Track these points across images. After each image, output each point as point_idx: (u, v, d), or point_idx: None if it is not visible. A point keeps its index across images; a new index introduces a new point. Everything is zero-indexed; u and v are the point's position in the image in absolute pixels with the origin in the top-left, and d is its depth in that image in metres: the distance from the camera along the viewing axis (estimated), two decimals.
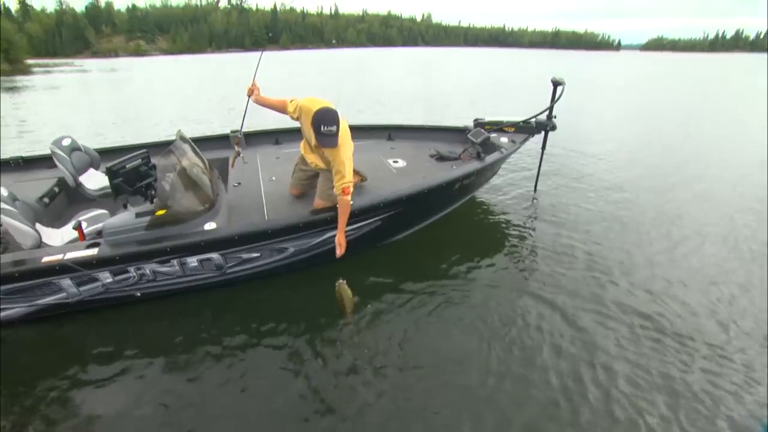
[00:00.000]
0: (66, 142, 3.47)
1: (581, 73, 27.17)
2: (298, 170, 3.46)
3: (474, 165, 3.76)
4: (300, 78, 23.09)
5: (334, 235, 3.16)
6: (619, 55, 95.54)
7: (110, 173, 2.58)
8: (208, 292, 3.04)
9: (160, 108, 12.79)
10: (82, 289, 2.66)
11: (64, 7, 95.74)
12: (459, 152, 4.34)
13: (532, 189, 5.01)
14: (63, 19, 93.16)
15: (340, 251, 2.92)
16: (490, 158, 3.89)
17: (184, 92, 17.30)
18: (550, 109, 4.18)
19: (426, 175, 3.67)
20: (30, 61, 51.15)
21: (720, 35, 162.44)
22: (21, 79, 26.53)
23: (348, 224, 3.12)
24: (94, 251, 2.56)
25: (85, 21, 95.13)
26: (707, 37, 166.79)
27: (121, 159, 2.68)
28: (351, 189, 2.88)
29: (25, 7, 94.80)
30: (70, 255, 2.54)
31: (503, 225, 4.20)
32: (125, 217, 2.66)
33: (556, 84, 4.09)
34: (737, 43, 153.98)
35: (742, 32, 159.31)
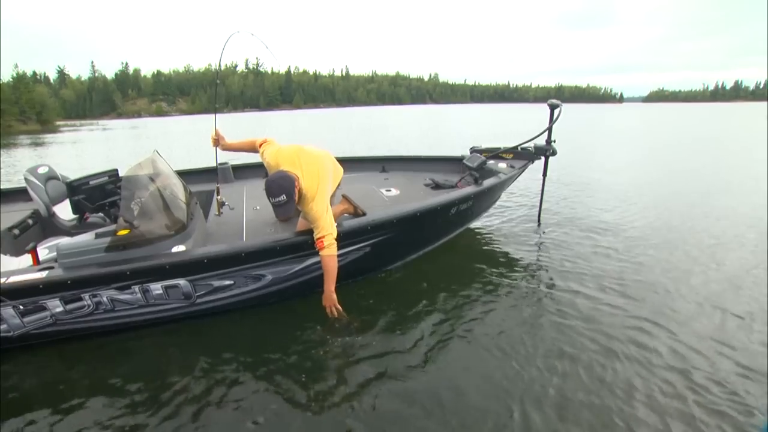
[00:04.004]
0: (42, 170, 3.33)
1: (591, 123, 27.57)
2: None
3: (471, 189, 3.52)
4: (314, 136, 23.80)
5: (318, 262, 2.88)
6: (622, 106, 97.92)
7: (70, 189, 2.37)
8: (175, 325, 2.70)
9: (168, 154, 13.07)
10: (27, 320, 2.35)
11: (96, 74, 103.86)
12: (455, 180, 4.14)
13: (536, 219, 4.72)
14: (95, 84, 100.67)
15: (330, 313, 2.63)
16: (488, 182, 3.65)
17: (192, 143, 17.84)
18: (549, 132, 4.00)
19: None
20: (59, 122, 54.85)
21: (720, 86, 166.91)
22: (47, 136, 28.15)
23: None
24: (41, 274, 2.29)
25: (114, 86, 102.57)
26: (707, 88, 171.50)
27: (86, 175, 2.50)
28: (326, 242, 2.57)
29: (62, 76, 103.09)
30: (14, 279, 2.25)
31: (504, 258, 3.82)
32: (84, 237, 2.42)
33: (552, 107, 3.95)
34: (738, 93, 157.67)
35: (741, 83, 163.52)
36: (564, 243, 4.12)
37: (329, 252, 2.61)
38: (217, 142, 3.13)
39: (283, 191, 2.50)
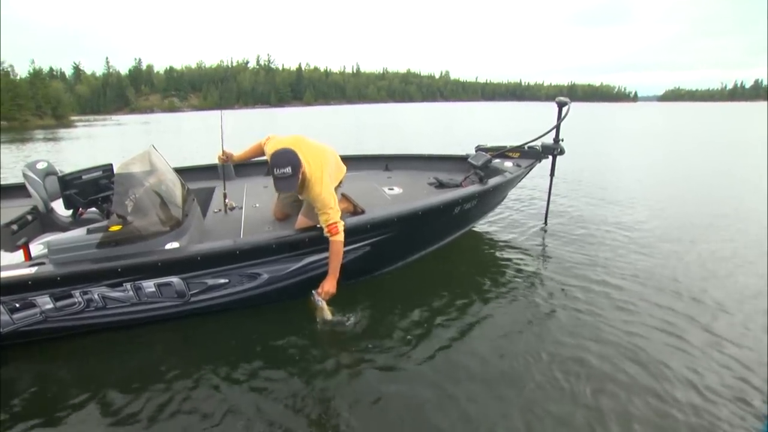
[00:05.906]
0: (41, 166, 3.29)
1: (602, 122, 27.11)
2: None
3: (476, 187, 3.41)
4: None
5: (315, 261, 2.81)
6: (636, 105, 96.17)
7: (62, 183, 2.32)
8: (168, 324, 2.64)
9: (176, 150, 13.11)
10: (16, 316, 2.30)
11: (111, 70, 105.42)
12: (460, 179, 4.02)
13: (542, 219, 4.58)
14: (109, 80, 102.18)
15: (324, 298, 2.55)
16: (493, 181, 3.53)
17: (203, 139, 17.95)
18: (557, 130, 3.86)
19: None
20: (73, 117, 55.87)
21: (738, 85, 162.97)
22: (61, 131, 28.65)
23: None
24: (31, 270, 2.25)
25: (127, 81, 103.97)
26: (725, 86, 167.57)
27: (79, 170, 2.44)
28: (339, 227, 2.53)
29: (78, 72, 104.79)
30: (2, 274, 2.19)
31: (510, 258, 3.69)
32: (75, 233, 2.37)
33: (560, 105, 3.81)
34: (758, 92, 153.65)
35: (762, 81, 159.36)
36: (571, 244, 3.98)
37: (342, 237, 2.56)
38: (227, 160, 3.07)
39: (290, 164, 2.42)
